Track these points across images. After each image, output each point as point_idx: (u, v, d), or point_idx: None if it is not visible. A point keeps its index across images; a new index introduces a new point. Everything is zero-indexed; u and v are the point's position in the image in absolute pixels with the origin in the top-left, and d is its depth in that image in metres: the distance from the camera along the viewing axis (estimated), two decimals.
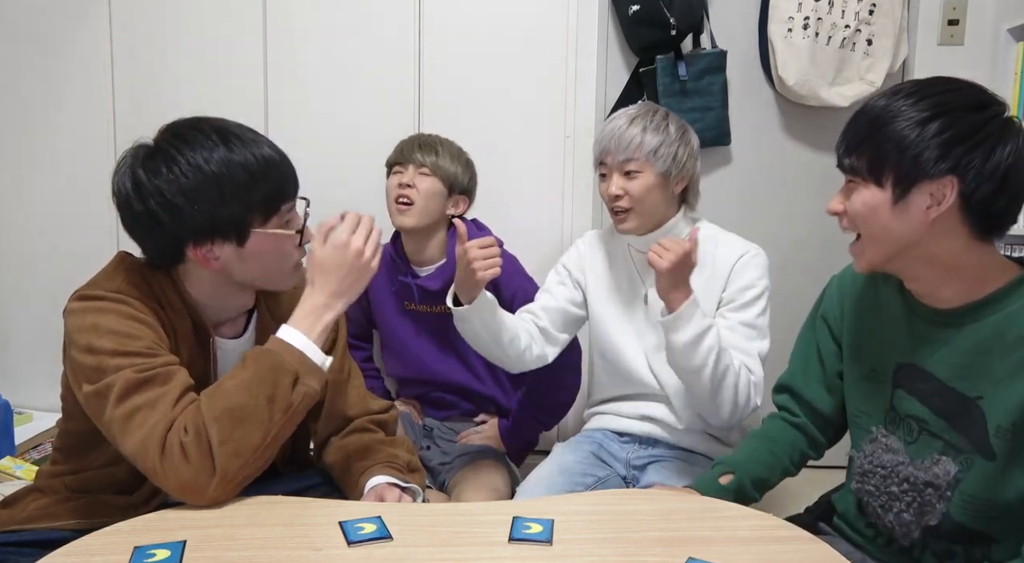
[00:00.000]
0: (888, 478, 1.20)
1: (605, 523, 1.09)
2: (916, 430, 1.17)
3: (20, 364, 2.61)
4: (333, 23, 2.37)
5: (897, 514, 1.19)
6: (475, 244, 1.50)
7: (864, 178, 1.10)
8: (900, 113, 1.07)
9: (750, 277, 1.64)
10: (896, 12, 2.31)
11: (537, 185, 2.38)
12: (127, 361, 1.12)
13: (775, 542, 1.05)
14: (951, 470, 1.13)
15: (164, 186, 1.16)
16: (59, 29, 2.47)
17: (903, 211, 1.08)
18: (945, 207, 1.05)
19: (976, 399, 1.10)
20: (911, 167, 1.05)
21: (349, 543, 1.00)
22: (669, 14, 2.24)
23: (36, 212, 2.58)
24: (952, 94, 1.07)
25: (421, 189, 1.93)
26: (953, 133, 1.03)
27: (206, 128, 1.20)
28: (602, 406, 1.84)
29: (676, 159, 1.65)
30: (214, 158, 1.17)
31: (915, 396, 1.17)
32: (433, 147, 1.98)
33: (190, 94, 2.41)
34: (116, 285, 1.19)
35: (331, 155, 2.37)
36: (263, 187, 1.20)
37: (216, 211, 1.17)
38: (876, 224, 1.11)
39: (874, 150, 1.09)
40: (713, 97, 2.32)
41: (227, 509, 1.09)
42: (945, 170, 1.03)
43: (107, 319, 1.15)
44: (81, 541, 1.00)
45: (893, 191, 1.08)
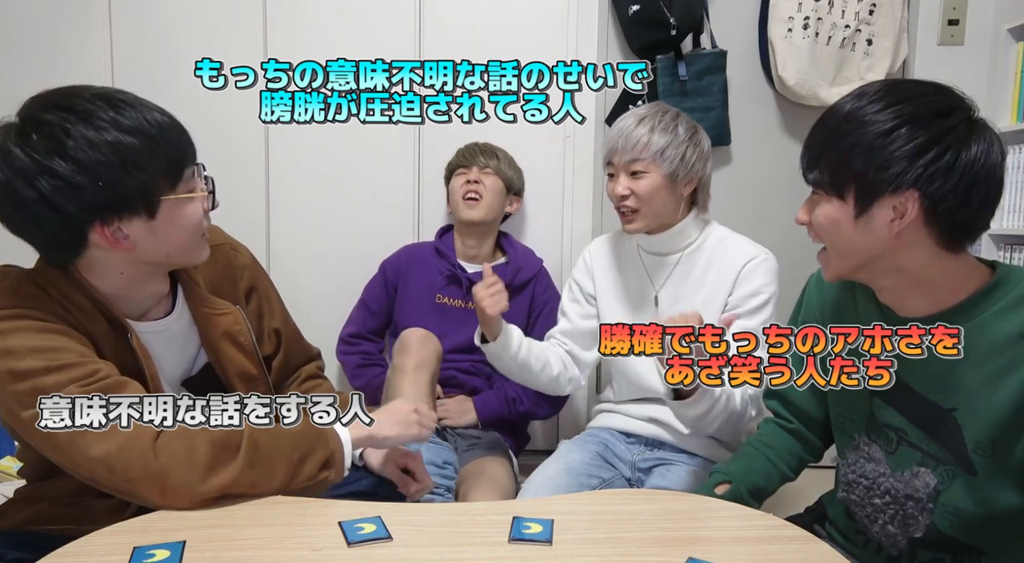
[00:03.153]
0: (871, 489, 1.19)
1: (605, 523, 1.09)
2: (895, 440, 1.16)
3: None
4: (333, 37, 2.37)
5: (882, 526, 1.18)
6: (480, 287, 1.63)
7: (827, 192, 1.09)
8: (861, 125, 1.03)
9: (757, 283, 1.63)
10: (896, 12, 2.31)
11: (537, 185, 2.38)
12: (65, 376, 1.04)
13: (775, 542, 1.05)
14: (931, 482, 1.12)
15: (58, 165, 1.03)
16: (59, 29, 2.47)
17: (866, 225, 1.06)
18: (908, 220, 1.03)
19: (951, 410, 1.08)
20: (872, 182, 1.03)
21: (349, 543, 1.00)
22: (669, 14, 2.24)
23: None
24: (915, 102, 1.03)
25: (488, 185, 2.15)
26: (914, 145, 1.00)
27: (87, 95, 1.07)
28: (609, 405, 1.84)
29: (684, 160, 1.63)
30: (108, 127, 1.05)
31: (892, 406, 1.16)
32: (493, 152, 2.22)
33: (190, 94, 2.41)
34: (8, 302, 1.09)
35: (330, 162, 2.37)
36: (165, 152, 1.10)
37: (121, 183, 1.06)
38: (839, 237, 1.09)
39: (834, 165, 1.06)
40: (713, 97, 2.32)
41: (227, 509, 1.09)
42: (907, 184, 1.01)
43: (18, 339, 1.05)
44: (81, 541, 1.00)
45: (855, 205, 1.05)
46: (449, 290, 2.18)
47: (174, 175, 1.13)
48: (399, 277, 2.24)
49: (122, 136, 1.06)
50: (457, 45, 2.33)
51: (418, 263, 2.23)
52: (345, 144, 2.38)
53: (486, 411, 2.08)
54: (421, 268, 2.22)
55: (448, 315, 2.17)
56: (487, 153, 2.20)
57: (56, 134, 1.04)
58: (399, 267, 2.24)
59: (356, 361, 2.21)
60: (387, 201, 2.43)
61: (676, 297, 1.69)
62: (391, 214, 2.44)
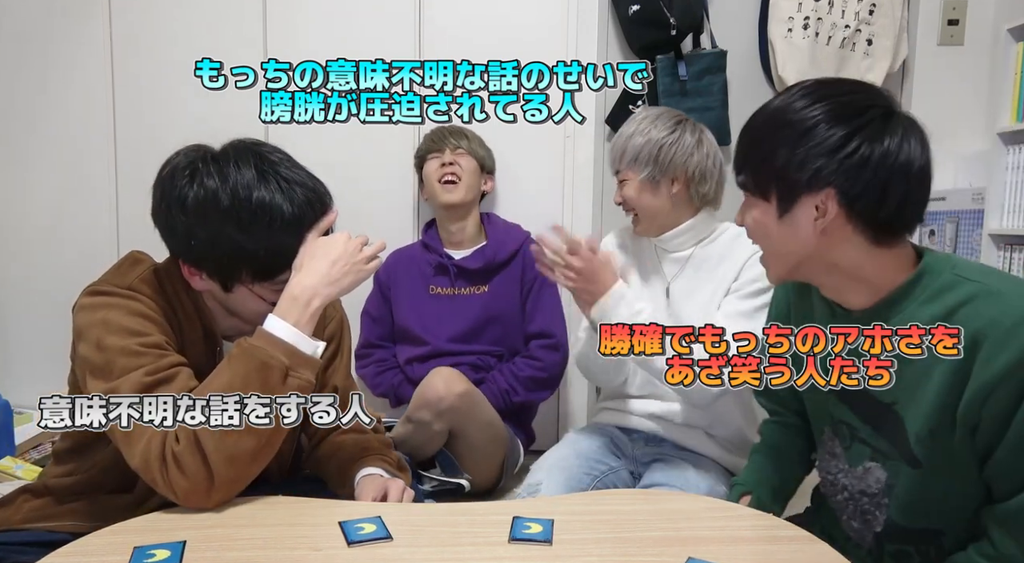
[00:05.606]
0: (834, 486, 1.21)
1: (605, 523, 1.09)
2: (849, 436, 1.17)
3: (20, 364, 2.61)
4: (333, 38, 2.37)
5: (847, 522, 1.20)
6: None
7: (753, 194, 1.10)
8: (781, 126, 1.05)
9: (760, 270, 1.65)
10: (896, 12, 2.31)
11: (537, 185, 2.38)
12: (135, 362, 1.10)
13: (775, 542, 1.05)
14: (881, 478, 1.12)
15: (190, 196, 1.13)
16: (59, 29, 2.47)
17: (790, 225, 1.07)
18: (831, 218, 1.04)
19: (891, 405, 1.09)
20: (791, 181, 1.04)
21: (349, 543, 1.00)
22: (669, 14, 2.24)
23: (37, 212, 2.58)
24: (834, 100, 1.04)
25: (463, 165, 2.16)
26: (831, 142, 1.01)
27: (258, 161, 1.16)
28: (610, 402, 1.85)
29: (659, 161, 1.64)
30: (240, 194, 1.13)
31: (844, 402, 1.17)
32: (463, 133, 2.20)
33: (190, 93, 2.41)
34: (128, 281, 1.18)
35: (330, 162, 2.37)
36: (270, 253, 1.15)
37: (215, 253, 1.14)
38: (769, 239, 1.11)
39: (756, 167, 1.08)
40: (713, 97, 2.32)
41: (227, 509, 1.09)
42: (823, 181, 1.02)
43: (117, 315, 1.13)
44: (81, 541, 1.00)
45: (778, 206, 1.07)
46: (439, 280, 2.22)
47: (263, 276, 1.18)
48: (390, 280, 2.28)
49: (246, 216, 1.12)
50: (457, 45, 2.33)
51: (406, 262, 2.27)
52: (345, 144, 2.38)
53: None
54: (410, 266, 2.25)
55: (442, 304, 2.20)
56: (457, 134, 2.21)
57: (208, 173, 1.14)
58: (388, 271, 2.29)
59: (373, 371, 2.26)
60: (387, 201, 2.43)
61: (688, 290, 1.71)
62: (391, 214, 2.44)
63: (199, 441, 1.06)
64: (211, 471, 1.06)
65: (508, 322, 2.21)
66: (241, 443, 1.07)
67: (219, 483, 1.07)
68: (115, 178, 2.51)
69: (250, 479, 1.12)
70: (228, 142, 1.20)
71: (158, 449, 1.06)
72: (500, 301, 2.20)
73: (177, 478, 1.06)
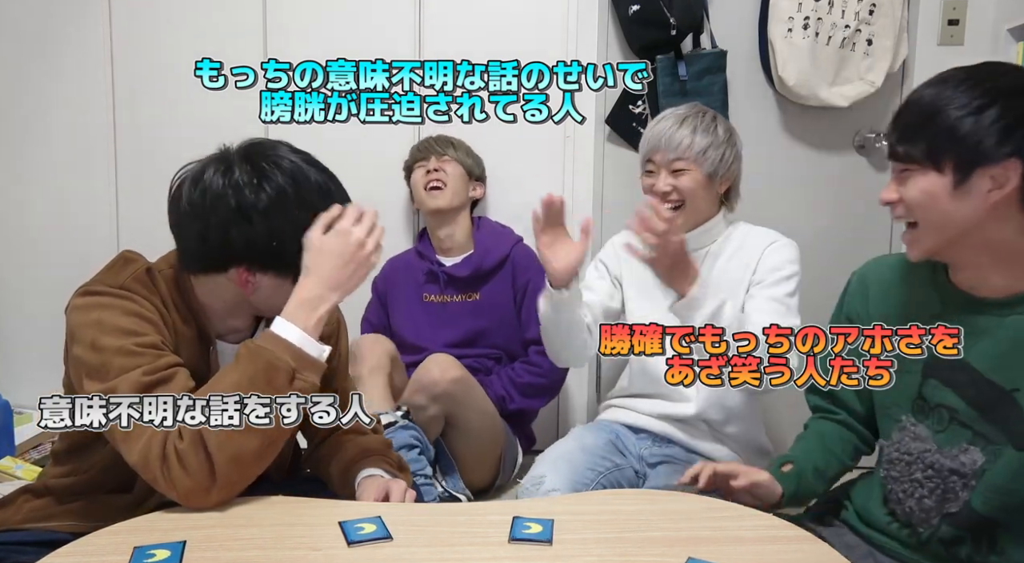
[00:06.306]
0: (913, 465, 1.20)
1: (605, 523, 1.09)
2: (947, 419, 1.17)
3: (20, 364, 2.61)
4: (333, 38, 2.37)
5: (919, 500, 1.19)
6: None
7: (921, 164, 1.10)
8: (953, 100, 1.07)
9: (780, 258, 1.69)
10: (896, 12, 2.31)
11: (537, 185, 2.37)
12: (131, 362, 1.10)
13: (775, 542, 1.05)
14: (978, 460, 1.13)
15: (262, 198, 1.14)
16: (58, 29, 2.47)
17: (963, 196, 1.08)
18: (1008, 190, 1.06)
19: (1012, 391, 1.10)
20: (973, 151, 1.06)
21: (349, 543, 1.00)
22: (669, 14, 2.24)
23: (36, 212, 2.58)
24: (1004, 79, 1.08)
25: (449, 172, 2.19)
26: (1012, 118, 1.04)
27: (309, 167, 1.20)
28: (618, 400, 1.85)
29: (723, 160, 1.70)
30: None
31: (951, 387, 1.17)
32: (449, 141, 2.24)
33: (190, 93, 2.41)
34: (121, 281, 1.17)
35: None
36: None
37: (289, 245, 1.15)
38: (935, 210, 1.11)
39: (932, 136, 1.09)
40: (713, 97, 2.32)
41: (227, 509, 1.09)
42: (1007, 153, 1.04)
43: (111, 315, 1.13)
44: (81, 541, 1.00)
45: (954, 176, 1.08)
46: (430, 288, 2.23)
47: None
48: (387, 288, 2.29)
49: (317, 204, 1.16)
50: (457, 45, 2.33)
51: (402, 269, 2.28)
52: (345, 144, 2.38)
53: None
54: (405, 273, 2.27)
55: (435, 312, 2.21)
56: (442, 143, 2.24)
57: (273, 173, 1.15)
58: (384, 279, 2.29)
59: None
60: (388, 202, 2.43)
61: (701, 287, 1.70)
62: (392, 215, 2.44)
63: (203, 439, 1.06)
64: (214, 470, 1.06)
65: (503, 329, 2.20)
66: (245, 443, 1.07)
67: (221, 483, 1.07)
68: (115, 178, 2.51)
69: (251, 480, 1.12)
70: (227, 147, 1.20)
71: (159, 447, 1.06)
72: (493, 308, 2.19)
73: (179, 476, 1.05)
